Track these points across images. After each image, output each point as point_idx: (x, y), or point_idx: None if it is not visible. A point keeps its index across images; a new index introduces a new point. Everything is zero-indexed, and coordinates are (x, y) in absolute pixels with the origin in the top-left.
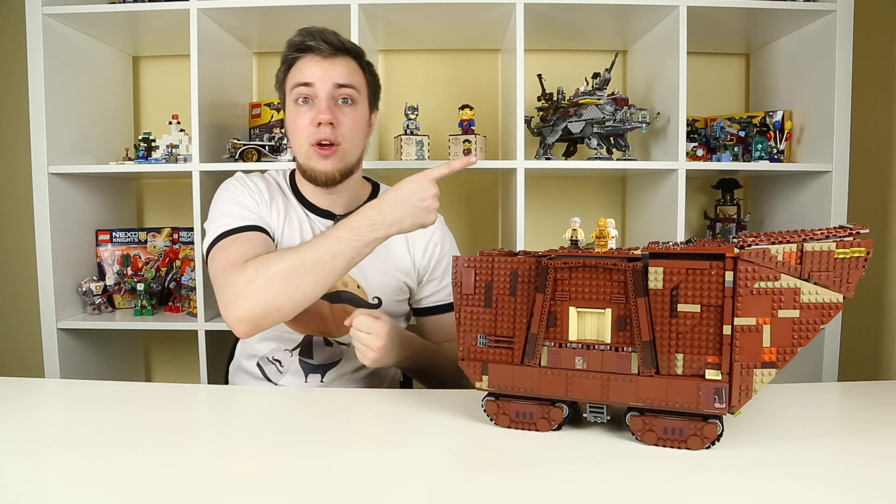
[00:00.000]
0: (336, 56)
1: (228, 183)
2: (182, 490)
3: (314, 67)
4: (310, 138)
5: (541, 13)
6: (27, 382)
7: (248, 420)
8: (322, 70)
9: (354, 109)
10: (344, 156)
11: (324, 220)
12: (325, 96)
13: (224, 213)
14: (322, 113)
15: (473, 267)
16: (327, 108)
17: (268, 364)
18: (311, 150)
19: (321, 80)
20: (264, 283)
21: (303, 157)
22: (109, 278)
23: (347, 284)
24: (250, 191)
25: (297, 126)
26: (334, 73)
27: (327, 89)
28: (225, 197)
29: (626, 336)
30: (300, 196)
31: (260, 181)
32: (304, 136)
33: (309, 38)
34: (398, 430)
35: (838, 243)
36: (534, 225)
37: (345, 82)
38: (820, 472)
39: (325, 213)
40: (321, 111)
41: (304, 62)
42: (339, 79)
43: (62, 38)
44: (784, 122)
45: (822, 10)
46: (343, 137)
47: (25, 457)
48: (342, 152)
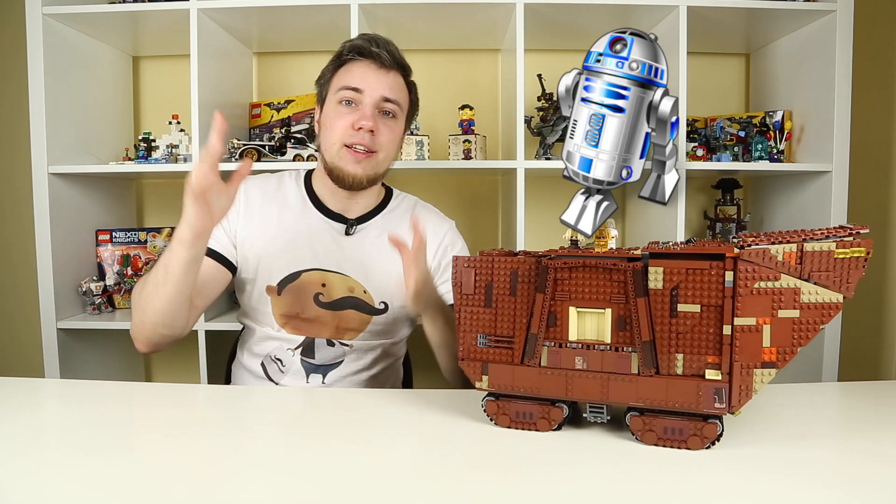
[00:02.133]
0: (390, 69)
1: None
2: (182, 490)
3: (367, 74)
4: (345, 139)
5: (541, 13)
6: (27, 382)
7: (249, 420)
8: (375, 79)
9: (395, 123)
10: (377, 164)
11: (336, 223)
12: (371, 104)
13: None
14: (365, 119)
15: (473, 267)
16: (371, 116)
17: (270, 363)
18: (344, 151)
19: (371, 88)
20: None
21: (332, 155)
22: (109, 278)
23: (353, 290)
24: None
25: (336, 125)
26: (385, 85)
27: (374, 98)
28: None
29: (626, 336)
30: (315, 198)
31: (257, 189)
32: (340, 136)
33: (372, 45)
34: (398, 430)
35: (838, 243)
36: (534, 225)
37: (392, 97)
38: (820, 472)
39: (338, 217)
40: (365, 117)
41: (357, 66)
42: (388, 92)
43: (62, 38)
44: (784, 122)
45: (822, 10)
46: (380, 146)
47: (25, 457)
48: (377, 160)
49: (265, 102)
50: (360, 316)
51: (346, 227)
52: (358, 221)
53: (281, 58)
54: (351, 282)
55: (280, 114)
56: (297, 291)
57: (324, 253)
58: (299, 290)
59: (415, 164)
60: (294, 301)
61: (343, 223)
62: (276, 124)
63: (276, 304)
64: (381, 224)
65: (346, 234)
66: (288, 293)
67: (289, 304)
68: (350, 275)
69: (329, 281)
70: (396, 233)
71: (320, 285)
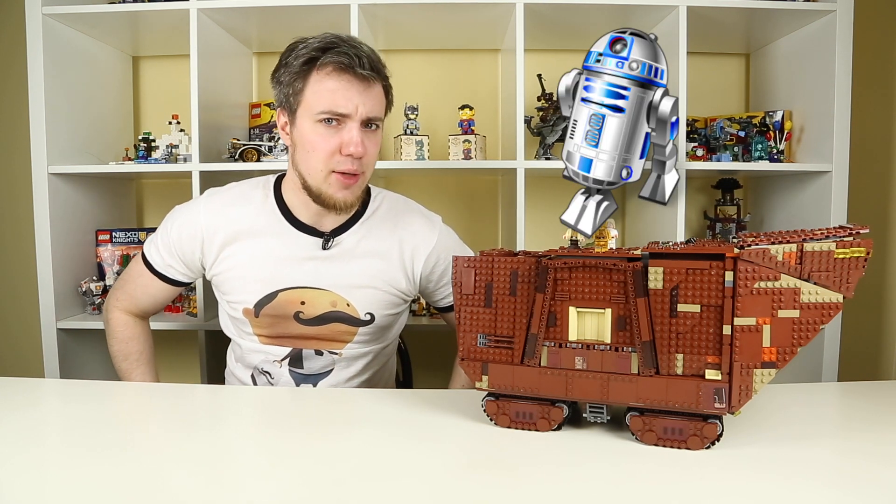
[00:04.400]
0: (372, 83)
1: (186, 213)
2: (181, 490)
3: (351, 94)
4: (333, 165)
5: (541, 13)
6: (27, 382)
7: (248, 420)
8: (360, 99)
9: (377, 134)
10: (364, 181)
11: (310, 236)
12: (357, 126)
13: (160, 239)
14: (356, 145)
15: (473, 267)
16: (360, 141)
17: (259, 375)
18: (333, 178)
19: (356, 111)
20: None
21: (318, 182)
22: (109, 278)
23: (336, 304)
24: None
25: (320, 149)
26: (369, 105)
27: (360, 120)
28: (170, 224)
29: (626, 336)
30: (286, 211)
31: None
32: (327, 160)
33: (354, 60)
34: (398, 430)
35: (838, 243)
36: (534, 225)
37: (375, 116)
38: (820, 472)
39: (310, 230)
40: (355, 143)
41: (336, 82)
42: (372, 112)
43: (62, 38)
44: (784, 122)
45: (821, 10)
46: (366, 165)
47: (25, 456)
48: (364, 179)
49: (265, 102)
50: (347, 328)
51: (323, 241)
52: (334, 233)
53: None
54: (332, 296)
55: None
56: (275, 311)
57: (300, 270)
58: (277, 311)
59: (415, 164)
60: (274, 322)
61: (319, 237)
62: (275, 124)
63: (255, 325)
64: (361, 232)
65: (324, 248)
66: (266, 314)
67: (268, 324)
68: (330, 289)
69: (308, 298)
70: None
71: (299, 303)
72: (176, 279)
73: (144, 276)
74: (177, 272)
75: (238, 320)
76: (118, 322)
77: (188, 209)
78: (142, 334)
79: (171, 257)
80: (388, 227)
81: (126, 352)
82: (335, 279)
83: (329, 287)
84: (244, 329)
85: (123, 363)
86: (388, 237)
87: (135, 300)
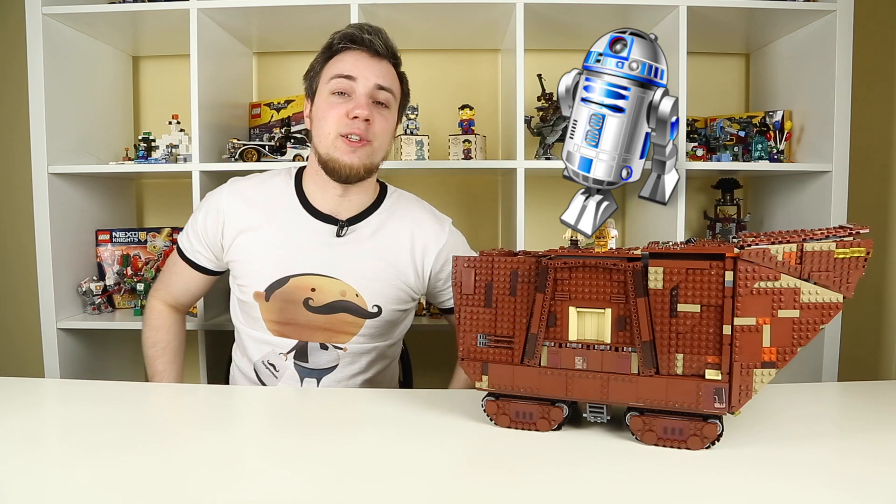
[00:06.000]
0: (382, 58)
1: (211, 198)
2: (182, 490)
3: (359, 62)
4: (340, 129)
5: (541, 13)
6: (27, 382)
7: (249, 420)
8: (367, 67)
9: (388, 113)
10: (372, 153)
11: (325, 224)
12: (365, 93)
13: (190, 226)
14: (360, 108)
15: (473, 267)
16: (366, 105)
17: (263, 368)
18: (339, 141)
19: (364, 76)
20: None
21: (327, 146)
22: (109, 278)
23: (345, 293)
24: (217, 215)
25: (329, 116)
26: (377, 73)
27: (368, 87)
28: (198, 211)
29: (626, 336)
30: (304, 199)
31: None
32: (334, 126)
33: (364, 32)
34: (398, 430)
35: (838, 243)
36: (534, 225)
37: (385, 85)
38: (820, 472)
39: (328, 219)
40: (359, 106)
41: (348, 55)
42: (381, 80)
43: (62, 38)
44: (784, 122)
45: (821, 10)
46: (375, 135)
47: (25, 456)
48: (371, 149)
49: (265, 102)
50: (353, 319)
51: (338, 228)
52: (350, 222)
53: (281, 58)
54: (342, 285)
55: (280, 114)
56: (285, 297)
57: (313, 257)
58: (288, 296)
59: (415, 164)
60: (283, 306)
61: (334, 224)
62: (275, 124)
63: (264, 309)
64: (375, 224)
65: (338, 235)
66: (276, 299)
67: (277, 309)
68: (341, 278)
69: (319, 285)
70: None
71: (309, 290)
72: (204, 266)
73: (178, 265)
74: (204, 258)
75: (248, 304)
76: (153, 310)
77: (214, 195)
78: (172, 325)
79: (199, 243)
80: (401, 222)
81: (154, 339)
82: (346, 267)
83: (340, 276)
84: (252, 314)
85: (150, 350)
86: (401, 231)
87: (170, 289)
